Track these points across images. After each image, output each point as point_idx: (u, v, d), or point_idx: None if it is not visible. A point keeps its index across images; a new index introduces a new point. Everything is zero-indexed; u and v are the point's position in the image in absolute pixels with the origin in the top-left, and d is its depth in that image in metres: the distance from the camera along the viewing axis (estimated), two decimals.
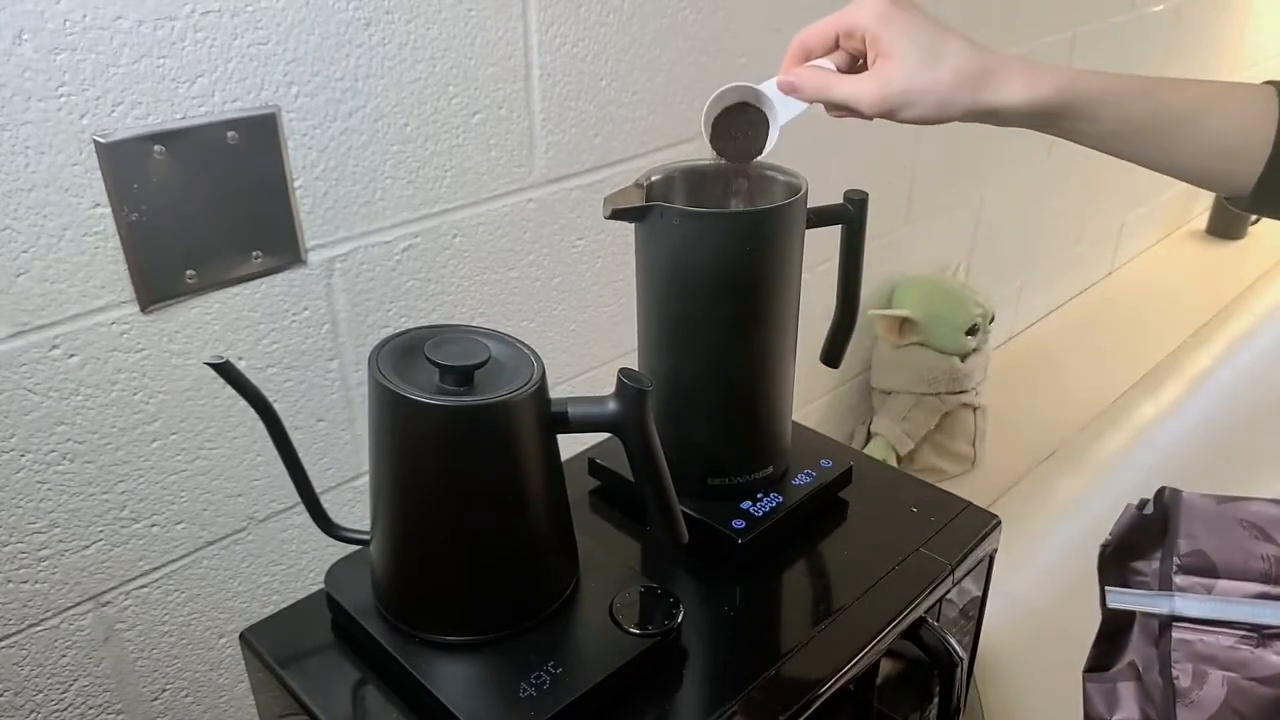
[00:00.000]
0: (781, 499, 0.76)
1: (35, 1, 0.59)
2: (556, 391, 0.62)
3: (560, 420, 0.61)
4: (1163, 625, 0.40)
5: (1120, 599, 0.41)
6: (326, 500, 0.69)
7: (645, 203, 0.69)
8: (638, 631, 0.63)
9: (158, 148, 0.66)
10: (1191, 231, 2.38)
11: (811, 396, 1.41)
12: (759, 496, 0.76)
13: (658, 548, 0.78)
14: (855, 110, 0.61)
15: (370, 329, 0.83)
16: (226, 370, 0.59)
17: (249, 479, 0.80)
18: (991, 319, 1.45)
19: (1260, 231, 2.34)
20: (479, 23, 0.80)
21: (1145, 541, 0.42)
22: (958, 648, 0.72)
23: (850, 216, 0.76)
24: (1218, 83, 0.58)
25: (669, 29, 0.95)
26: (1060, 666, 1.13)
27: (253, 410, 0.61)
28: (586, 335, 1.02)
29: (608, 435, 0.71)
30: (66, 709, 0.76)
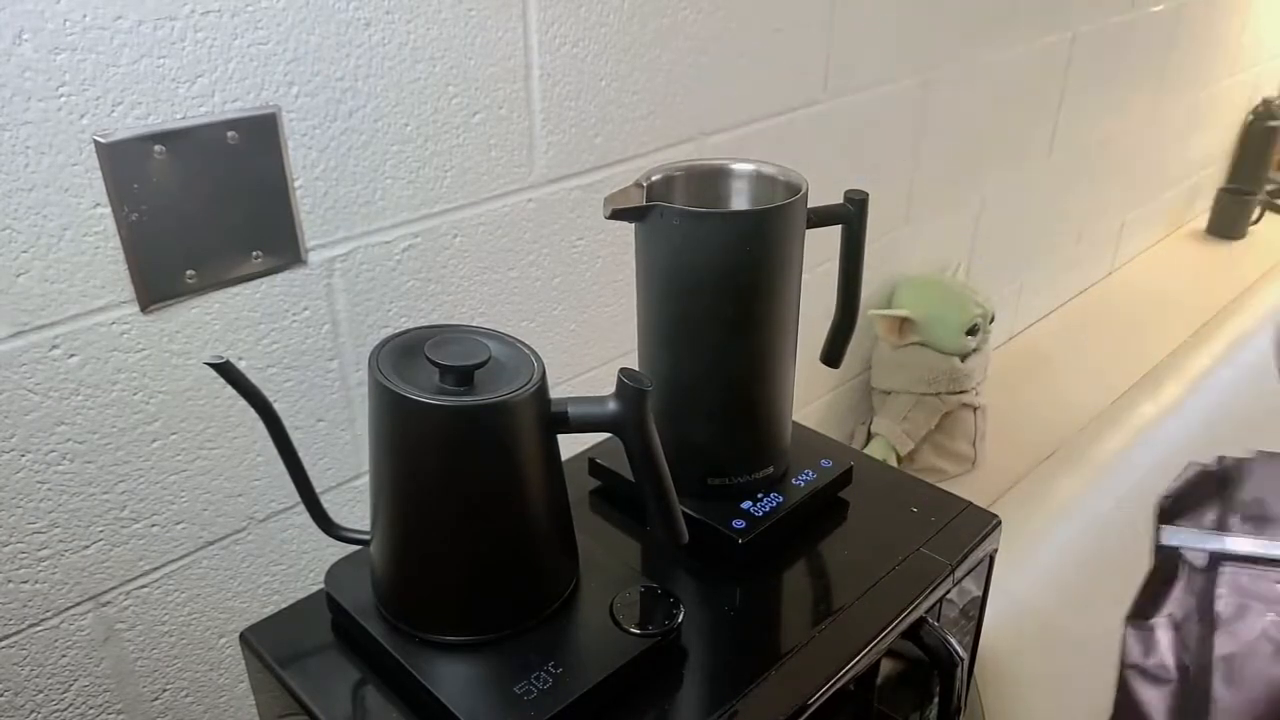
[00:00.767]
0: (782, 499, 0.76)
1: (35, 1, 0.59)
2: (556, 391, 0.62)
3: (560, 420, 0.61)
4: (1209, 566, 0.41)
5: (1174, 537, 0.42)
6: (326, 500, 0.69)
7: (645, 203, 0.69)
8: (638, 631, 0.63)
9: (158, 148, 0.66)
10: (1191, 231, 2.38)
11: (811, 396, 1.41)
12: (759, 496, 0.76)
13: (658, 548, 0.78)
14: None
15: (370, 329, 0.83)
16: (226, 370, 0.59)
17: (249, 479, 0.80)
18: (991, 319, 1.45)
19: (1260, 231, 2.34)
20: (479, 23, 0.80)
21: (1204, 498, 0.44)
22: (958, 648, 0.72)
23: (850, 216, 0.76)
24: None
25: (669, 29, 0.95)
26: (1060, 666, 1.13)
27: (253, 410, 0.61)
28: (586, 335, 1.02)
29: (608, 435, 0.71)
30: (66, 709, 0.76)
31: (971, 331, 1.41)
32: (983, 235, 1.64)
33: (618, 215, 0.69)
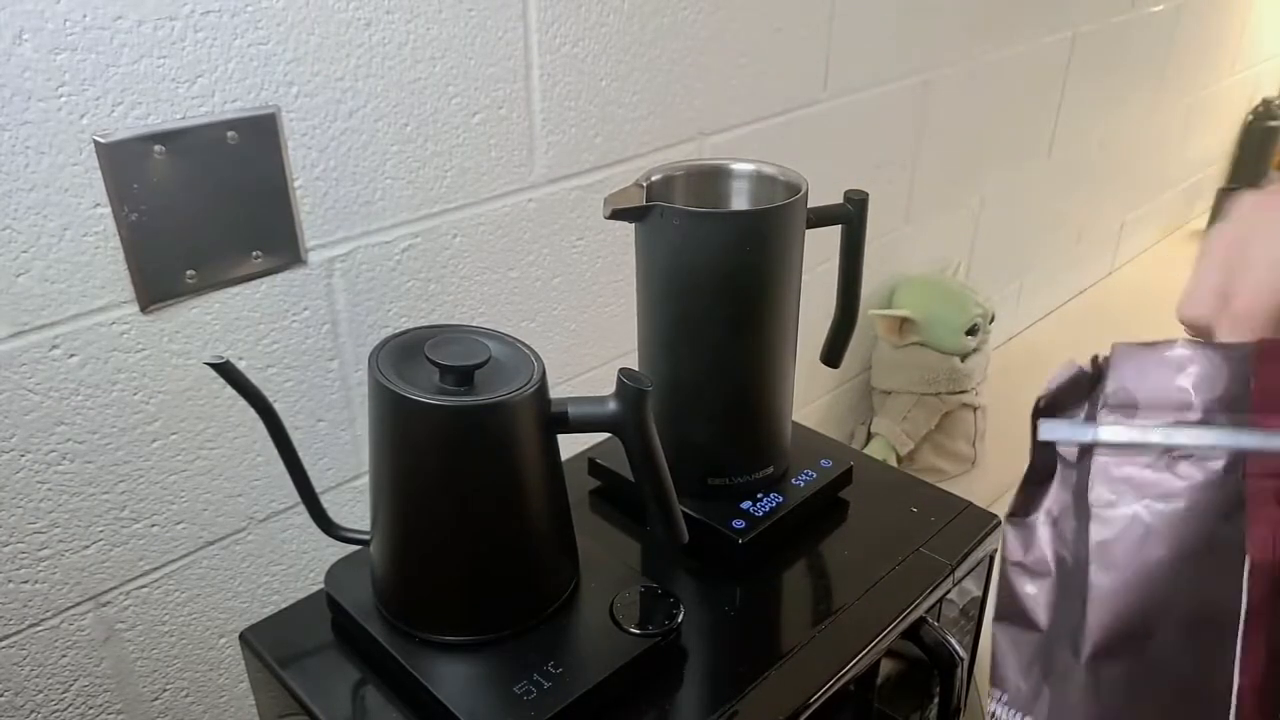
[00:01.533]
0: (782, 499, 0.76)
1: (35, 1, 0.59)
2: (556, 391, 0.62)
3: (560, 420, 0.61)
4: (1080, 456, 0.43)
5: (1049, 430, 0.44)
6: (326, 500, 0.69)
7: (645, 203, 0.69)
8: (638, 631, 0.63)
9: (158, 148, 0.66)
10: (1192, 231, 2.38)
11: (811, 396, 1.41)
12: (759, 496, 0.76)
13: (658, 548, 0.78)
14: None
15: (370, 329, 0.83)
16: (226, 370, 0.59)
17: (249, 479, 0.80)
18: (991, 319, 1.45)
19: None
20: (479, 23, 0.80)
21: (1076, 396, 0.45)
22: (958, 648, 0.72)
23: (850, 216, 0.76)
24: None
25: (669, 29, 0.95)
26: None
27: (253, 410, 0.61)
28: (586, 335, 1.02)
29: (608, 435, 0.71)
30: (66, 709, 0.76)
31: (971, 331, 1.41)
32: (982, 235, 1.64)
33: (618, 215, 0.69)
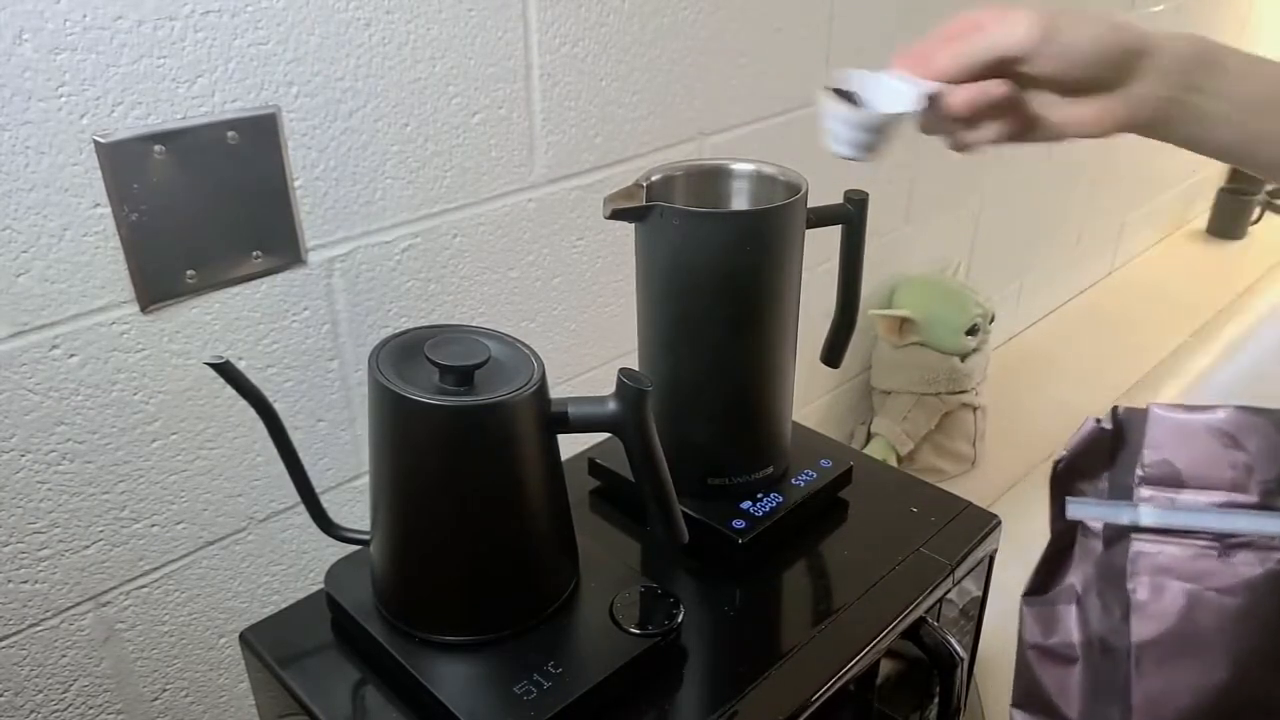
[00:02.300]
0: (781, 499, 0.76)
1: (35, 1, 0.59)
2: (556, 391, 0.62)
3: (560, 420, 0.61)
4: (1114, 538, 0.38)
5: (1081, 509, 0.40)
6: (326, 500, 0.69)
7: (645, 203, 0.69)
8: (638, 631, 0.63)
9: (158, 148, 0.66)
10: (1191, 231, 2.38)
11: (811, 396, 1.41)
12: (759, 496, 0.76)
13: (658, 548, 0.78)
14: (1007, 58, 0.49)
15: (370, 329, 0.83)
16: (226, 370, 0.59)
17: (249, 479, 0.80)
18: (991, 319, 1.45)
19: (1260, 231, 2.34)
20: (479, 23, 0.80)
21: (1099, 459, 0.41)
22: (958, 648, 0.72)
23: (850, 216, 0.76)
24: None
25: (669, 29, 0.95)
26: None
27: (253, 410, 0.61)
28: (586, 335, 1.02)
29: (608, 435, 0.71)
30: (66, 709, 0.76)
31: (971, 331, 1.41)
32: (982, 235, 1.64)
33: (618, 215, 0.69)
